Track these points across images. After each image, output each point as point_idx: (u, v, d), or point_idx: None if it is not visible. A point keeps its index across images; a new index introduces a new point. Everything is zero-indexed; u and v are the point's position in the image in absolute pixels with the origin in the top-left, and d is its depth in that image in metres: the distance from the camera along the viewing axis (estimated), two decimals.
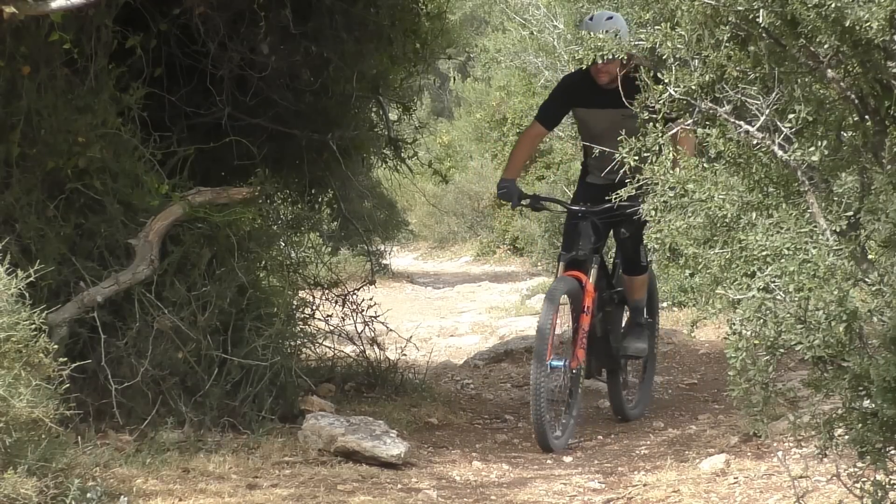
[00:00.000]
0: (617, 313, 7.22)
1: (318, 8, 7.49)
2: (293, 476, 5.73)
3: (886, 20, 4.86)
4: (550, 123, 7.10)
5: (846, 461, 4.17)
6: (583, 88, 6.92)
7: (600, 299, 6.87)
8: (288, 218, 8.60)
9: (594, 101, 6.87)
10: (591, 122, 6.97)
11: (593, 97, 6.87)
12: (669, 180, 4.86)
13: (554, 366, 6.54)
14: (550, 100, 7.13)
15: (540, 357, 6.39)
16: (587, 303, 6.69)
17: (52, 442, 4.59)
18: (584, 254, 6.75)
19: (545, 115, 7.06)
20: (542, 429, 6.42)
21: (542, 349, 6.40)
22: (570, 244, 6.83)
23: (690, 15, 5.58)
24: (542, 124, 7.04)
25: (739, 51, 5.60)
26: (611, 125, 6.58)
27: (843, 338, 3.93)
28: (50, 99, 6.32)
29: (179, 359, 6.40)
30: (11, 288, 4.57)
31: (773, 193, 5.38)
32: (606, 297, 7.01)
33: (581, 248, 6.77)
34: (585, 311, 6.68)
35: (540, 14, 16.34)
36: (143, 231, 6.42)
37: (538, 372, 6.38)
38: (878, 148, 5.34)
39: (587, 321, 6.68)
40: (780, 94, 5.51)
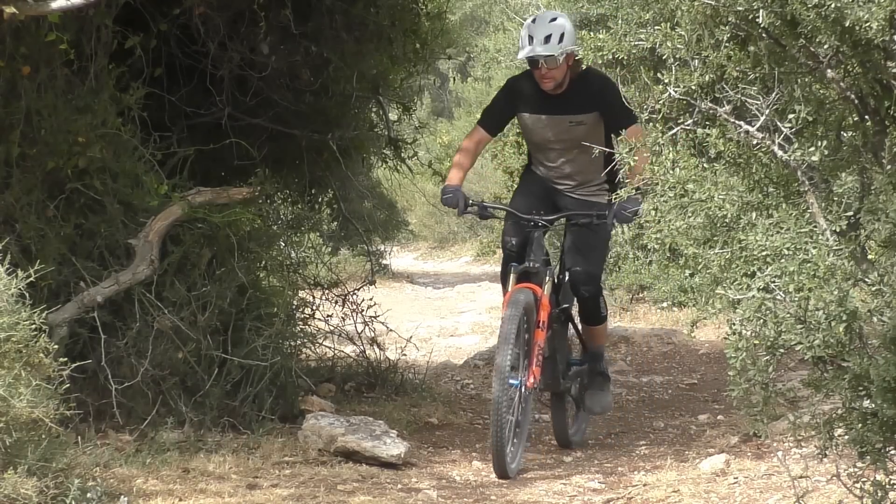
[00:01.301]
0: (562, 332, 6.63)
1: (318, 8, 7.49)
2: (293, 476, 5.73)
3: (886, 20, 4.86)
4: (494, 129, 6.53)
5: (846, 461, 4.17)
6: (528, 92, 6.38)
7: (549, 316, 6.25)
8: (288, 218, 8.60)
9: (540, 106, 6.36)
10: (537, 129, 6.44)
11: (539, 102, 6.35)
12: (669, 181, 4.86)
13: (512, 384, 5.90)
14: (494, 104, 6.56)
15: (503, 372, 5.75)
16: (542, 317, 6.11)
17: (52, 442, 4.59)
18: (537, 266, 6.18)
19: (488, 120, 6.50)
20: (501, 454, 5.77)
21: (506, 365, 5.78)
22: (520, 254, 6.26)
23: (690, 15, 5.58)
24: (486, 129, 6.46)
25: (739, 51, 5.60)
26: (557, 133, 6.37)
27: (843, 338, 3.93)
28: (50, 99, 6.32)
29: (179, 359, 6.39)
30: (11, 288, 4.57)
31: (773, 193, 5.38)
32: (554, 315, 6.38)
33: (534, 259, 6.20)
34: (540, 327, 6.09)
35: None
36: (143, 231, 6.42)
37: (502, 389, 5.73)
38: (878, 148, 5.34)
39: (542, 337, 6.10)
40: (780, 94, 5.51)
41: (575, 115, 6.29)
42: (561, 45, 6.10)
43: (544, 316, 6.11)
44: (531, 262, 6.18)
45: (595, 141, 6.16)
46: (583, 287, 6.40)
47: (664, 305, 12.20)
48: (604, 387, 6.67)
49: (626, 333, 10.62)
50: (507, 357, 5.79)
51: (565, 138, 6.34)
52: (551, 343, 6.37)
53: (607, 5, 11.50)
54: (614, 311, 12.79)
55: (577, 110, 6.29)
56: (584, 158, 6.33)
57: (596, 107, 6.26)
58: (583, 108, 6.29)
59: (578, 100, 6.29)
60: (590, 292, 6.43)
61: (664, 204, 5.23)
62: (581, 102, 6.28)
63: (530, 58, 6.16)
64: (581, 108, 6.29)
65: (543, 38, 6.12)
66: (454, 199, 6.22)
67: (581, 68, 6.25)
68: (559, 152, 6.43)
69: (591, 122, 6.30)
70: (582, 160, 6.38)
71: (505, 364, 5.76)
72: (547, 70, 6.16)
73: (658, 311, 12.30)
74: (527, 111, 6.39)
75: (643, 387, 8.74)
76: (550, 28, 6.13)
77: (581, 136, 6.22)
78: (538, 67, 6.18)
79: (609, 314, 6.93)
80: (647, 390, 8.63)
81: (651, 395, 8.48)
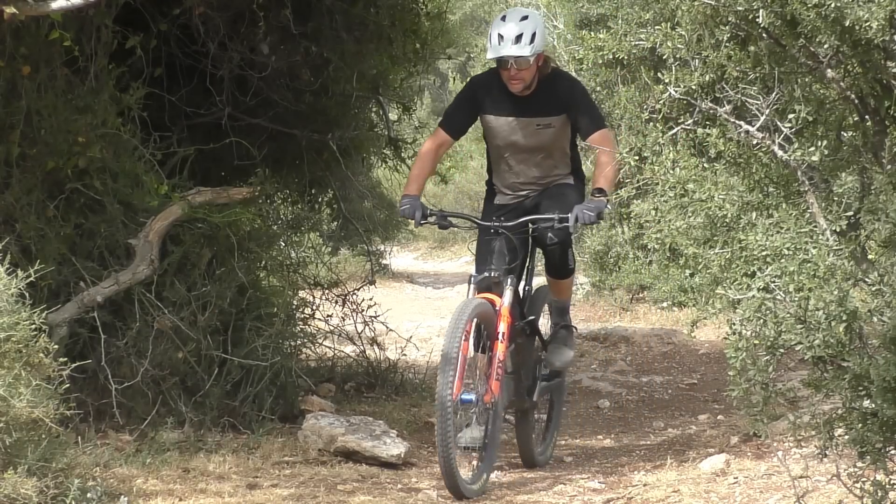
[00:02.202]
0: (529, 346, 6.18)
1: (318, 8, 7.49)
2: (293, 476, 5.73)
3: (886, 20, 4.86)
4: (457, 131, 6.09)
5: (846, 461, 4.17)
6: (494, 93, 6.02)
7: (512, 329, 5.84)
8: (288, 218, 8.60)
9: (506, 107, 6.00)
10: (502, 132, 6.05)
11: (505, 103, 5.99)
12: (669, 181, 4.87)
13: (465, 400, 5.53)
14: (456, 104, 6.16)
15: (444, 389, 5.36)
16: (501, 329, 5.69)
17: (52, 442, 4.59)
18: (497, 274, 5.78)
19: (450, 121, 6.09)
20: (451, 472, 5.36)
21: (449, 381, 5.36)
22: (482, 263, 5.92)
23: (690, 15, 5.58)
24: (447, 132, 6.05)
25: (739, 51, 5.60)
26: (524, 136, 6.03)
27: (843, 338, 3.93)
28: (50, 99, 6.32)
29: (179, 359, 6.40)
30: (11, 288, 4.57)
31: (773, 193, 5.38)
32: (518, 328, 5.96)
33: (494, 268, 5.80)
34: (500, 339, 5.68)
35: (540, 14, 16.35)
36: (143, 231, 6.42)
37: (443, 407, 5.34)
38: (878, 148, 5.34)
39: (502, 349, 5.67)
40: (780, 94, 5.51)
41: (543, 118, 5.99)
42: (532, 46, 5.79)
43: (504, 327, 5.69)
44: (492, 272, 5.78)
45: (562, 145, 6.09)
46: (551, 231, 5.93)
47: (664, 305, 12.20)
48: (567, 341, 6.27)
49: (626, 333, 10.63)
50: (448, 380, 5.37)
51: (532, 142, 6.04)
52: (515, 357, 5.97)
53: (607, 5, 11.49)
54: (614, 311, 12.80)
55: (544, 112, 5.99)
56: (549, 162, 6.12)
57: (564, 109, 5.98)
58: (550, 110, 5.99)
59: (546, 102, 5.99)
60: (559, 237, 5.95)
61: (664, 204, 5.23)
62: (549, 104, 5.99)
63: (500, 59, 5.83)
64: (549, 111, 5.99)
65: (514, 38, 5.78)
66: (411, 210, 5.85)
67: (549, 69, 5.99)
68: (524, 156, 6.10)
69: (558, 125, 6.02)
70: (547, 164, 6.13)
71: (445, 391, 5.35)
72: (516, 71, 5.84)
73: (658, 311, 12.30)
74: (492, 112, 6.03)
75: (643, 387, 8.74)
76: (521, 27, 5.79)
77: (548, 140, 6.03)
78: (507, 68, 5.84)
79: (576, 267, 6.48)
80: (647, 390, 8.63)
81: (651, 395, 8.48)
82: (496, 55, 5.82)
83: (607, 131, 5.95)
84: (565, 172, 6.18)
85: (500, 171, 6.19)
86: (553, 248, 6.01)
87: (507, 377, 5.84)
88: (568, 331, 6.32)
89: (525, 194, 6.17)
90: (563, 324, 6.32)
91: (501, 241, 5.86)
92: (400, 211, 5.93)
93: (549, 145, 6.05)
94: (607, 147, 5.82)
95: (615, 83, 11.71)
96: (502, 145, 6.09)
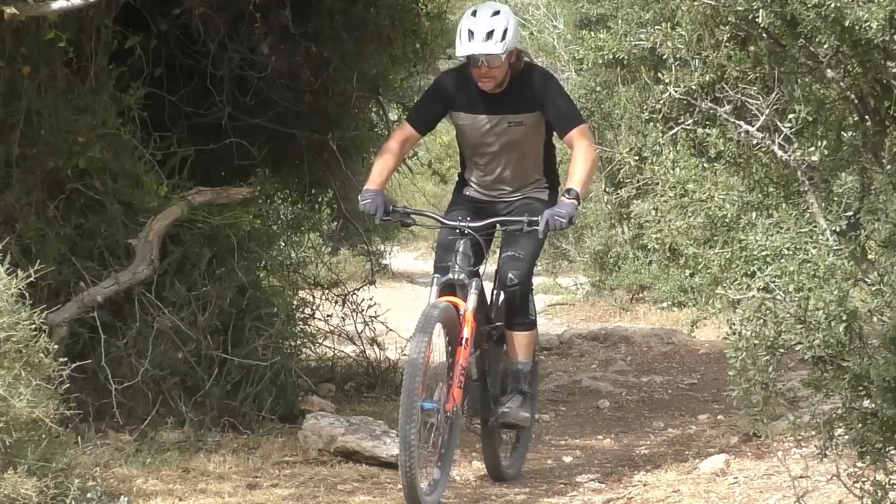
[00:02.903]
0: (495, 352, 5.85)
1: (318, 8, 7.49)
2: (293, 476, 5.73)
3: (886, 20, 4.86)
4: (423, 126, 5.83)
5: (846, 461, 4.17)
6: (464, 89, 5.73)
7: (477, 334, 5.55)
8: (288, 218, 8.60)
9: (477, 105, 5.70)
10: (472, 130, 5.76)
11: (476, 101, 5.70)
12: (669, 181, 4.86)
13: (426, 408, 5.24)
14: (424, 99, 5.92)
15: (410, 396, 5.11)
16: (465, 334, 5.39)
17: (52, 442, 4.59)
18: (462, 277, 5.49)
19: (417, 116, 5.83)
20: (412, 483, 5.09)
21: (414, 387, 5.12)
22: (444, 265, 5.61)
23: (690, 15, 5.58)
24: (414, 126, 5.79)
25: (739, 51, 5.60)
26: (495, 134, 5.73)
27: (843, 338, 3.93)
28: (50, 99, 6.33)
29: (179, 359, 6.40)
30: (11, 288, 4.57)
31: (773, 193, 5.38)
32: (484, 333, 5.67)
33: (459, 271, 5.51)
34: (463, 344, 5.38)
35: (540, 14, 16.34)
36: (143, 231, 6.42)
37: (409, 414, 5.08)
38: (878, 148, 5.34)
39: (465, 355, 5.37)
40: (780, 94, 5.51)
41: (514, 115, 5.69)
42: (504, 43, 5.48)
43: (467, 332, 5.39)
44: (455, 274, 5.49)
45: (535, 143, 5.79)
46: (510, 272, 5.64)
47: (664, 305, 12.20)
48: (524, 401, 5.78)
49: (626, 333, 10.63)
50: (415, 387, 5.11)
51: (504, 140, 5.74)
52: (481, 364, 5.66)
53: (607, 5, 11.51)
54: (614, 311, 12.79)
55: (516, 109, 5.69)
56: (521, 162, 5.81)
57: (537, 106, 5.67)
58: (523, 107, 5.69)
59: (518, 98, 5.69)
60: (518, 277, 5.64)
61: (664, 204, 5.23)
62: (521, 101, 5.69)
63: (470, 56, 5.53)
64: (521, 108, 5.69)
65: (485, 35, 5.47)
66: (373, 205, 5.54)
67: (522, 64, 5.69)
68: (496, 155, 5.79)
69: (531, 123, 5.71)
70: (520, 164, 5.81)
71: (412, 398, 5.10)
72: (487, 69, 5.53)
73: (658, 311, 12.31)
74: (461, 110, 5.75)
75: (643, 387, 8.74)
76: (493, 23, 5.47)
77: (521, 138, 5.74)
78: (478, 66, 5.54)
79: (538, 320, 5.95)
80: (647, 390, 8.63)
81: (651, 395, 8.48)
82: (466, 53, 5.52)
83: (585, 128, 5.65)
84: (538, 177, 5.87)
85: (472, 170, 5.92)
86: (513, 289, 5.65)
87: (472, 385, 5.59)
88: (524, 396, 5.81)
89: (496, 195, 5.87)
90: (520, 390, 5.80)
91: (466, 242, 5.57)
92: (361, 205, 5.61)
93: (521, 144, 5.76)
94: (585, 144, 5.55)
95: (615, 83, 11.72)
96: (473, 144, 5.82)
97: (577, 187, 5.48)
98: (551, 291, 14.61)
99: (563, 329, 11.60)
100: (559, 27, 15.78)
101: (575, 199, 5.45)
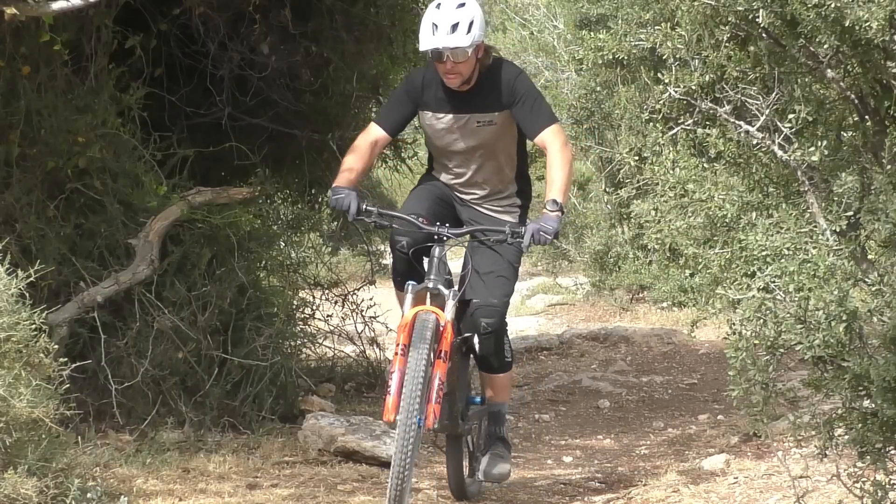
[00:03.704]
0: (463, 365, 5.51)
1: (318, 8, 7.49)
2: (293, 476, 5.73)
3: (886, 20, 4.87)
4: (392, 128, 5.47)
5: (846, 461, 4.18)
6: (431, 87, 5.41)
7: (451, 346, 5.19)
8: (288, 218, 8.60)
9: (444, 104, 5.40)
10: (439, 130, 5.44)
11: (443, 99, 5.39)
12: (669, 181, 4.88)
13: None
14: (392, 99, 5.61)
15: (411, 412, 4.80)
16: (444, 347, 5.03)
17: (52, 442, 4.59)
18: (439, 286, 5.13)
19: (385, 117, 5.49)
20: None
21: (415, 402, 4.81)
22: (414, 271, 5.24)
23: (690, 15, 5.58)
24: (382, 128, 5.43)
25: (739, 51, 5.61)
26: (464, 134, 5.39)
27: (843, 338, 3.93)
28: (50, 99, 6.33)
29: (179, 359, 6.40)
30: (11, 288, 4.57)
31: (773, 193, 5.39)
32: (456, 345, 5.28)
33: (435, 279, 5.15)
34: (442, 358, 5.02)
35: (540, 14, 16.36)
36: (143, 231, 6.42)
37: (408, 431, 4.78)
38: (878, 148, 5.35)
39: (444, 369, 5.01)
40: (780, 94, 5.52)
41: (483, 114, 5.37)
42: (470, 35, 5.15)
43: (446, 345, 5.05)
44: (432, 283, 5.12)
45: (507, 144, 5.43)
46: (483, 319, 5.29)
47: (664, 305, 12.20)
48: (504, 455, 5.51)
49: (626, 333, 10.63)
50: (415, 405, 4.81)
51: (473, 142, 5.41)
52: (450, 377, 5.26)
53: (607, 5, 11.50)
54: (614, 311, 12.80)
55: (486, 108, 5.37)
56: (493, 165, 5.46)
57: (507, 104, 5.34)
58: (493, 105, 5.36)
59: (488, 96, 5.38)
60: (492, 325, 5.32)
61: (664, 204, 5.23)
62: (490, 99, 5.37)
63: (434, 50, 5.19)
64: (491, 106, 5.37)
65: (450, 27, 5.15)
66: (345, 201, 5.18)
67: (490, 59, 5.36)
68: (466, 158, 5.47)
69: (501, 122, 5.36)
70: (491, 167, 5.47)
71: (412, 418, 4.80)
72: (453, 65, 5.19)
73: (658, 311, 12.31)
74: (429, 109, 5.43)
75: (643, 387, 8.74)
76: (458, 15, 5.16)
77: (491, 139, 5.40)
78: (443, 61, 5.19)
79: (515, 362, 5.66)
80: (647, 390, 8.63)
81: (651, 395, 8.48)
82: (430, 47, 5.18)
83: (559, 127, 5.29)
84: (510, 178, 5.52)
85: (440, 170, 5.61)
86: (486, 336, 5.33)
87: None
88: (504, 445, 5.55)
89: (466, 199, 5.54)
90: (498, 435, 5.56)
91: (442, 249, 5.22)
92: (331, 202, 5.24)
93: (491, 145, 5.42)
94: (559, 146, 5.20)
95: (615, 83, 11.72)
96: (440, 145, 5.49)
97: (559, 197, 5.09)
98: (551, 291, 14.61)
99: (563, 329, 11.61)
100: (559, 27, 15.78)
101: (559, 211, 5.07)
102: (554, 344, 10.42)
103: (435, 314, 5.05)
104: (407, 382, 4.86)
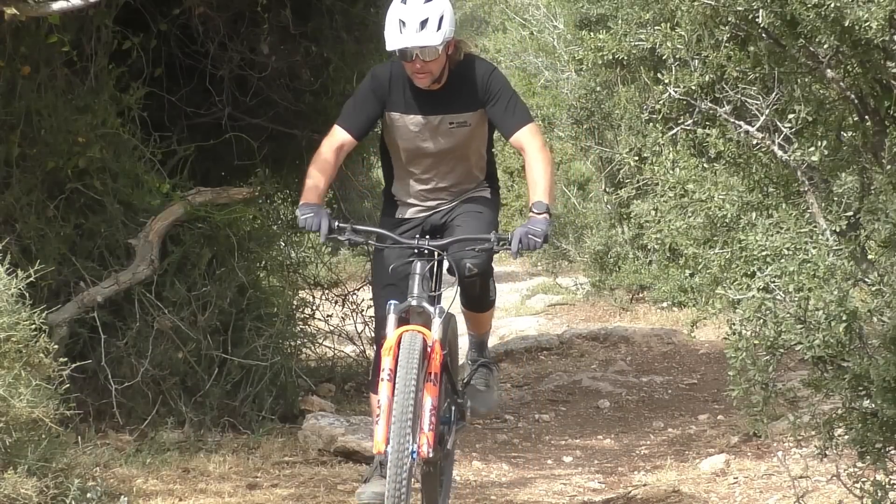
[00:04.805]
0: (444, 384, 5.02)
1: (318, 8, 7.50)
2: (293, 476, 5.74)
3: (886, 20, 4.87)
4: (358, 131, 5.10)
5: (846, 461, 4.18)
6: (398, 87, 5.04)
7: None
8: (288, 218, 8.60)
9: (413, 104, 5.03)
10: (408, 133, 5.06)
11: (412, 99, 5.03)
12: (669, 181, 4.88)
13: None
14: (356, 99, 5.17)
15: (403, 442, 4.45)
16: (433, 369, 4.69)
17: (52, 442, 4.59)
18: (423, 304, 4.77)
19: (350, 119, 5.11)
20: None
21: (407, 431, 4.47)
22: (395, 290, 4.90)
23: (690, 15, 5.58)
24: (347, 131, 5.07)
25: (739, 51, 5.61)
26: (434, 137, 5.02)
27: (843, 338, 3.93)
28: (50, 99, 6.33)
29: (179, 359, 6.40)
30: (11, 288, 4.57)
31: (773, 193, 5.39)
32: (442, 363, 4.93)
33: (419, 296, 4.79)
34: (432, 381, 4.68)
35: (540, 14, 16.36)
36: (143, 231, 6.42)
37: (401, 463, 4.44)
38: (878, 148, 5.35)
39: (434, 394, 4.66)
40: (780, 94, 5.52)
41: (457, 115, 5.02)
42: (441, 33, 4.79)
43: (435, 367, 4.70)
44: (416, 300, 4.77)
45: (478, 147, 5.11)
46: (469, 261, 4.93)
47: (664, 305, 12.20)
48: (488, 381, 5.29)
49: (626, 333, 10.63)
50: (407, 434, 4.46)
51: (445, 145, 5.06)
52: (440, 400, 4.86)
53: (607, 5, 11.50)
54: (614, 311, 12.80)
55: (458, 108, 5.02)
56: (463, 168, 5.12)
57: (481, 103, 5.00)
58: (466, 104, 5.01)
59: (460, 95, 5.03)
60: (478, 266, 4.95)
61: (664, 204, 5.23)
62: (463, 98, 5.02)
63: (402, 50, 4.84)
64: (463, 106, 5.02)
65: (419, 24, 4.81)
66: (315, 220, 4.79)
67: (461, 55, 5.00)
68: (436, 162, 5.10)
69: (475, 122, 5.02)
70: (461, 170, 5.12)
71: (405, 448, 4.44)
72: (423, 64, 4.85)
73: (658, 311, 12.30)
74: (397, 110, 5.06)
75: (643, 387, 8.74)
76: (426, 10, 4.82)
77: (463, 140, 5.05)
78: (411, 60, 4.84)
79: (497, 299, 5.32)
80: (647, 390, 8.63)
81: (651, 395, 8.48)
82: (398, 46, 4.84)
83: (535, 127, 4.97)
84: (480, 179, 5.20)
85: (404, 179, 5.19)
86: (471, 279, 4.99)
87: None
88: (488, 369, 5.31)
89: (434, 206, 5.16)
90: (481, 361, 5.31)
91: (424, 264, 4.85)
92: (300, 222, 4.85)
93: (464, 147, 5.07)
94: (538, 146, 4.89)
95: (615, 83, 11.73)
96: (409, 148, 5.09)
97: (545, 198, 4.76)
98: (551, 291, 14.61)
99: (563, 329, 11.60)
100: (559, 27, 15.78)
101: (546, 213, 4.75)
102: (554, 344, 10.42)
103: (421, 334, 4.69)
104: (396, 410, 4.49)
